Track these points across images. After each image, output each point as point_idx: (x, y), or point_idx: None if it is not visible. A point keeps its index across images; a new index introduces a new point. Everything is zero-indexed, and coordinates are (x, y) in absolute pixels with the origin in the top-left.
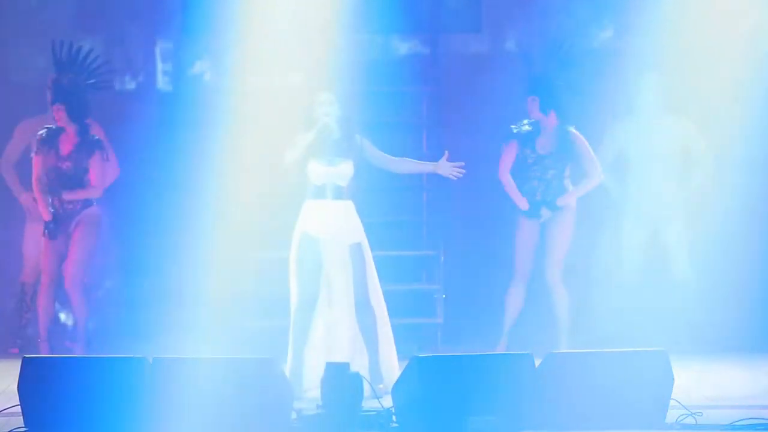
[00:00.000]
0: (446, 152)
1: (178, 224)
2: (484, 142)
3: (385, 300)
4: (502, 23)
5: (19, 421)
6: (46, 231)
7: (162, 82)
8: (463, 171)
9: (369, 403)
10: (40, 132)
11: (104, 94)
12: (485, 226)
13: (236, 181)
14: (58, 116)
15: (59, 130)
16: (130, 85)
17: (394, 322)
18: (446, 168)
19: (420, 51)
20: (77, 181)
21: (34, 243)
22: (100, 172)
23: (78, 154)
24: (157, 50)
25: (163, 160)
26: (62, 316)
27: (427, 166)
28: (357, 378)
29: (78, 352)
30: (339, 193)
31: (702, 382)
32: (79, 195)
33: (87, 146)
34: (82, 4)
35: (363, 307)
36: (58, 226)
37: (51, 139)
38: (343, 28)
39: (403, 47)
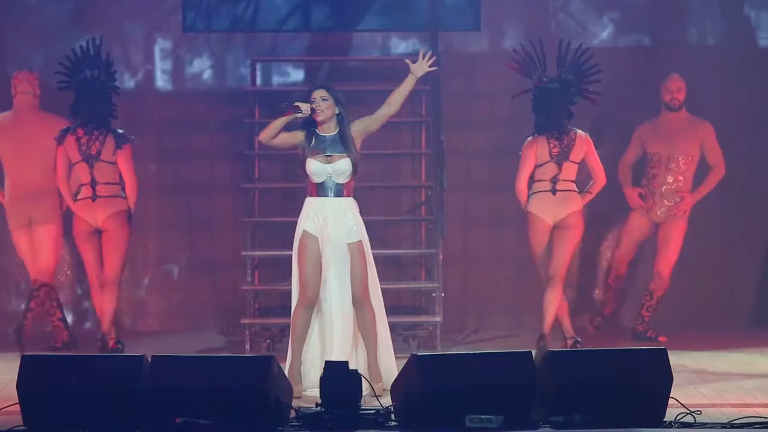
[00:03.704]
0: (407, 60)
1: (177, 222)
2: (484, 141)
3: (385, 298)
4: (501, 22)
5: (18, 419)
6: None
7: (161, 81)
8: (434, 56)
9: (368, 402)
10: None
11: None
12: (485, 225)
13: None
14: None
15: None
16: (129, 84)
17: (393, 321)
18: (422, 66)
19: (419, 49)
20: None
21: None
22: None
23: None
24: (156, 49)
25: (161, 159)
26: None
27: (407, 82)
28: (356, 376)
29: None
30: (339, 191)
31: (701, 381)
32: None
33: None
34: (81, 2)
35: (362, 305)
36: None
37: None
38: (341, 26)
39: (402, 45)
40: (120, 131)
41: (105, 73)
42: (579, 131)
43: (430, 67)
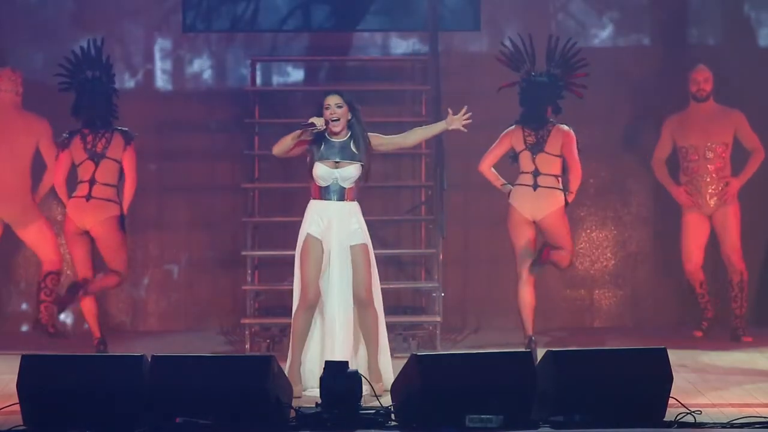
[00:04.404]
0: (449, 110)
1: (177, 222)
2: (484, 141)
3: (385, 298)
4: (501, 22)
5: (18, 419)
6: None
7: (161, 81)
8: (470, 116)
9: (368, 402)
10: None
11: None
12: (485, 225)
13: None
14: None
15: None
16: (129, 84)
17: (393, 321)
18: (455, 122)
19: (419, 49)
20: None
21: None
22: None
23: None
24: (156, 49)
25: (162, 159)
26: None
27: (437, 127)
28: (356, 376)
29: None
30: (342, 195)
31: (701, 381)
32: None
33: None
34: (81, 2)
35: (365, 307)
36: None
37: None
38: (341, 26)
39: (402, 45)
40: (125, 129)
41: (105, 75)
42: (561, 125)
43: (464, 126)
